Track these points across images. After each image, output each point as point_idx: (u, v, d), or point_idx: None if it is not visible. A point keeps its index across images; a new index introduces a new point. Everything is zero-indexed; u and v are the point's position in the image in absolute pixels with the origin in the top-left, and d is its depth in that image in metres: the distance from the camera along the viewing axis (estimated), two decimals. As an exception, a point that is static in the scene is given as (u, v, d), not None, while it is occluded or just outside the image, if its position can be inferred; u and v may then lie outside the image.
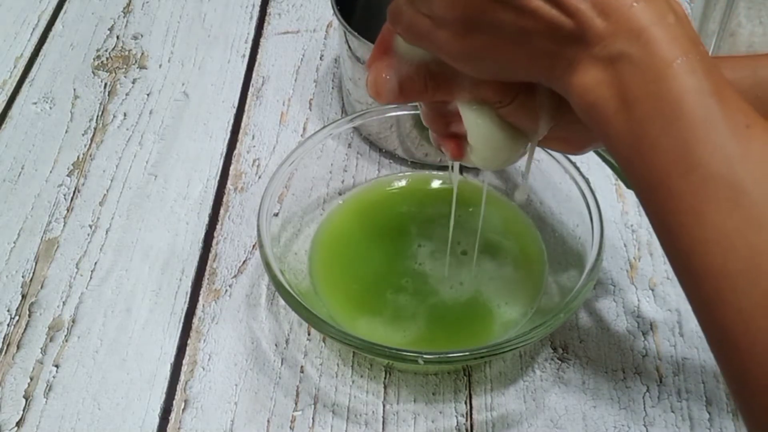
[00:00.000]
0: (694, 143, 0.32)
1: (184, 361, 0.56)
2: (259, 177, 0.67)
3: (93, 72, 0.77)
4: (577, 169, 0.56)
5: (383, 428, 0.52)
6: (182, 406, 0.53)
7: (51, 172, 0.68)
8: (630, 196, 0.64)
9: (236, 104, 0.74)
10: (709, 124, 0.32)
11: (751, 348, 0.30)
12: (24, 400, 0.54)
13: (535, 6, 0.35)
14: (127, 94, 0.75)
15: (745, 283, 0.30)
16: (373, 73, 0.43)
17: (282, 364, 0.55)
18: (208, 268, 0.61)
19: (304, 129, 0.71)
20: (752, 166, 0.32)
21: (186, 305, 0.59)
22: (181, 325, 0.57)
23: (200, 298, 0.59)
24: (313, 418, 0.53)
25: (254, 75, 0.76)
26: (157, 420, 0.53)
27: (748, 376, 0.30)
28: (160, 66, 0.78)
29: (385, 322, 0.54)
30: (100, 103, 0.74)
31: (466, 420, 0.53)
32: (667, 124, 0.33)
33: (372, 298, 0.55)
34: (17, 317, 0.58)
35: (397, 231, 0.59)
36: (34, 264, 0.61)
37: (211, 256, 0.62)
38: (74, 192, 0.66)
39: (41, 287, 0.60)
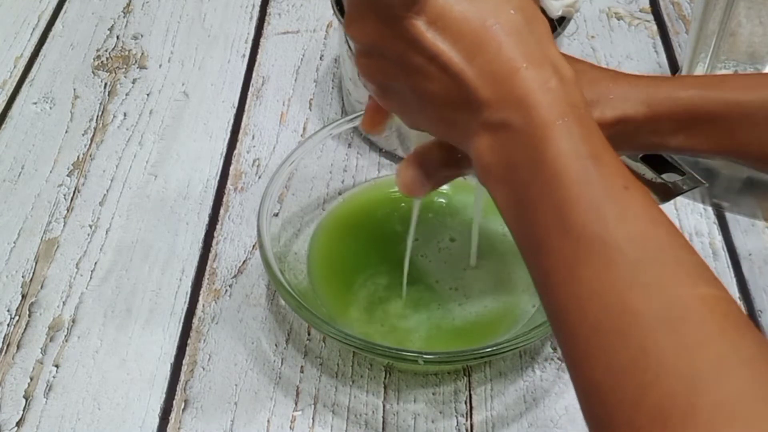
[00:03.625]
0: (570, 204, 0.33)
1: (184, 361, 0.56)
2: (259, 177, 0.67)
3: (93, 72, 0.77)
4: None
5: (383, 428, 0.52)
6: (182, 406, 0.53)
7: (51, 172, 0.68)
8: (630, 196, 0.64)
9: (236, 104, 0.74)
10: (585, 185, 0.33)
11: (618, 405, 0.30)
12: (24, 400, 0.54)
13: (426, 72, 0.36)
14: (127, 94, 0.75)
15: (616, 341, 0.30)
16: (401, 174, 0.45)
17: (282, 364, 0.55)
18: (208, 268, 0.61)
19: (304, 129, 0.71)
20: (628, 226, 0.32)
21: (186, 305, 0.59)
22: (181, 325, 0.57)
23: (200, 298, 0.59)
24: (313, 418, 0.53)
25: (254, 75, 0.76)
26: (157, 420, 0.53)
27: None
28: (160, 66, 0.78)
29: (384, 321, 0.54)
30: (100, 103, 0.74)
31: (466, 420, 0.53)
32: (545, 187, 0.33)
33: (372, 298, 0.55)
34: (17, 317, 0.58)
35: (397, 231, 0.59)
36: (34, 264, 0.61)
37: (211, 256, 0.62)
38: (74, 192, 0.66)
39: (41, 287, 0.60)
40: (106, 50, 0.79)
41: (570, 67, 0.36)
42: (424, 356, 0.48)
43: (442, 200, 0.61)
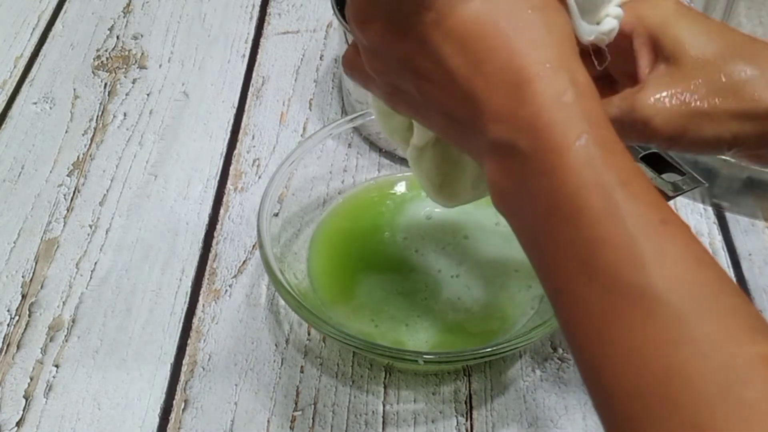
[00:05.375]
0: (597, 244, 0.27)
1: (184, 361, 0.56)
2: (259, 177, 0.67)
3: (93, 72, 0.77)
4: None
5: (383, 428, 0.52)
6: (182, 406, 0.53)
7: (51, 172, 0.68)
8: (630, 196, 0.64)
9: (236, 104, 0.74)
10: (614, 221, 0.27)
11: None
12: (24, 400, 0.54)
13: (432, 77, 0.32)
14: (127, 94, 0.75)
15: (661, 410, 0.25)
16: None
17: (282, 364, 0.55)
18: (208, 268, 0.61)
19: (304, 129, 0.71)
20: (669, 269, 0.27)
21: (186, 305, 0.59)
22: (181, 325, 0.57)
23: (200, 298, 0.59)
24: (313, 418, 0.53)
25: (254, 75, 0.76)
26: (157, 420, 0.53)
27: None
28: (160, 66, 0.78)
29: (385, 321, 0.54)
30: (100, 103, 0.74)
31: (466, 420, 0.53)
32: (565, 223, 0.28)
33: (372, 298, 0.55)
34: (17, 317, 0.58)
35: (398, 233, 0.59)
36: (34, 264, 0.61)
37: (211, 256, 0.62)
38: (74, 192, 0.66)
39: (41, 287, 0.60)
40: (106, 50, 0.79)
41: (588, 76, 0.30)
42: (424, 356, 0.48)
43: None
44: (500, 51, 0.30)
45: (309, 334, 0.57)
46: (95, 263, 0.61)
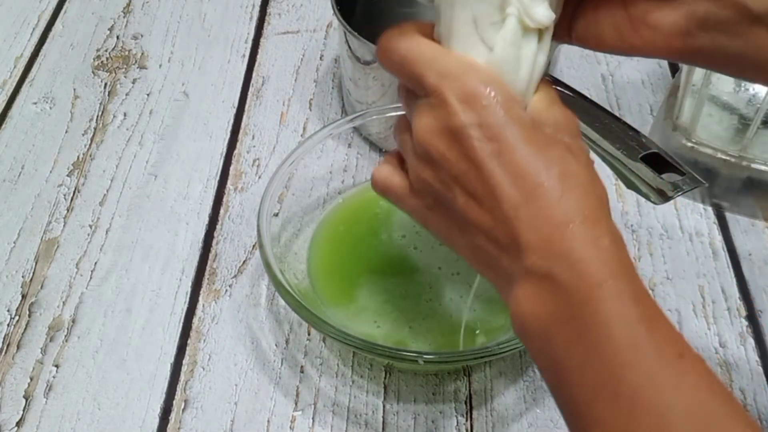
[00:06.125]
0: (622, 369, 0.31)
1: (184, 361, 0.56)
2: (259, 177, 0.67)
3: (93, 72, 0.77)
4: (577, 169, 0.55)
5: (383, 428, 0.52)
6: (182, 406, 0.53)
7: (51, 172, 0.68)
8: (630, 196, 0.64)
9: (236, 104, 0.74)
10: (638, 351, 0.31)
11: None
12: (24, 400, 0.54)
13: (480, 198, 0.35)
14: (127, 94, 0.75)
15: None
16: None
17: (282, 364, 0.55)
18: (208, 268, 0.61)
19: (304, 129, 0.71)
20: (683, 397, 0.30)
21: (186, 305, 0.59)
22: (181, 325, 0.57)
23: (200, 298, 0.59)
24: (313, 418, 0.53)
25: (254, 75, 0.76)
26: (157, 420, 0.53)
27: None
28: (160, 66, 0.78)
29: (385, 322, 0.54)
30: (100, 103, 0.74)
31: (466, 420, 0.53)
32: (593, 350, 0.31)
33: (375, 300, 0.55)
34: (17, 317, 0.58)
35: (397, 231, 0.59)
36: (34, 264, 0.61)
37: (211, 256, 0.62)
38: (74, 192, 0.66)
39: (41, 287, 0.60)
40: (106, 50, 0.79)
41: (619, 231, 0.35)
42: (424, 356, 0.48)
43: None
44: (551, 191, 0.34)
45: (309, 334, 0.57)
46: (95, 263, 0.61)
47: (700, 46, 0.37)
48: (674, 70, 0.75)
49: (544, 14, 0.37)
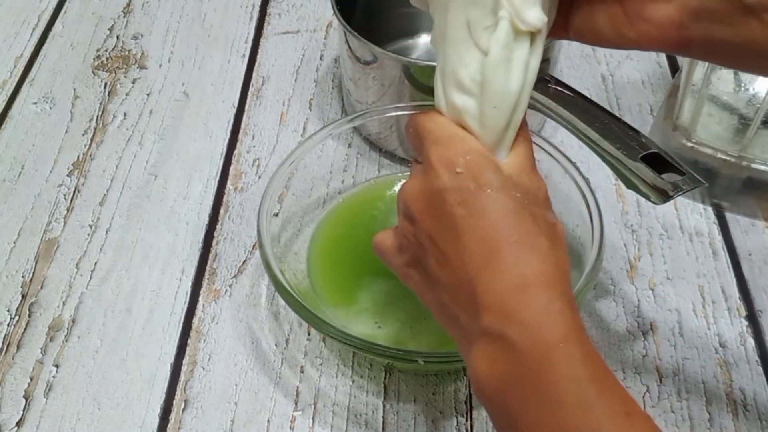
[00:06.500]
0: (570, 428, 0.32)
1: (184, 361, 0.56)
2: (259, 177, 0.67)
3: (93, 72, 0.77)
4: (577, 169, 0.56)
5: (383, 428, 0.52)
6: (182, 406, 0.53)
7: (51, 172, 0.68)
8: (630, 196, 0.64)
9: (236, 104, 0.74)
10: (587, 410, 0.32)
11: None
12: (24, 400, 0.54)
13: (447, 258, 0.38)
14: (127, 94, 0.75)
15: None
16: None
17: (282, 364, 0.55)
18: (208, 268, 0.61)
19: (304, 129, 0.71)
20: None
21: (186, 305, 0.59)
22: (181, 325, 0.57)
23: (200, 298, 0.59)
24: (313, 418, 0.53)
25: (254, 75, 0.76)
26: (157, 420, 0.53)
27: None
28: (160, 66, 0.78)
29: (385, 322, 0.54)
30: (100, 103, 0.74)
31: (466, 420, 0.53)
32: (545, 409, 0.33)
33: (375, 301, 0.55)
34: (17, 317, 0.58)
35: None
36: (34, 264, 0.61)
37: (211, 256, 0.62)
38: (74, 192, 0.66)
39: (41, 287, 0.60)
40: (106, 50, 0.79)
41: (572, 295, 0.36)
42: (424, 356, 0.48)
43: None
44: (508, 257, 0.36)
45: (309, 334, 0.57)
46: (95, 263, 0.61)
47: (695, 37, 0.37)
48: (674, 70, 0.75)
49: (536, 17, 0.37)
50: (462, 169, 0.38)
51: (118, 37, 0.81)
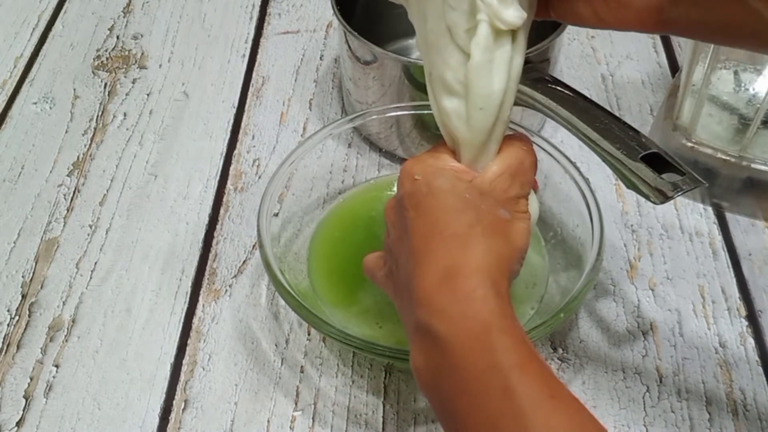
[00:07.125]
0: (499, 418, 0.33)
1: (184, 361, 0.56)
2: (259, 177, 0.67)
3: (93, 72, 0.77)
4: (577, 169, 0.56)
5: (383, 428, 0.52)
6: (182, 406, 0.53)
7: (51, 172, 0.68)
8: (630, 196, 0.64)
9: (236, 104, 0.74)
10: (510, 396, 0.33)
11: None
12: (24, 400, 0.54)
13: (399, 274, 0.40)
14: (127, 94, 0.75)
15: None
16: None
17: (282, 364, 0.55)
18: (208, 268, 0.61)
19: (304, 129, 0.71)
20: None
21: (186, 305, 0.59)
22: (181, 325, 0.57)
23: (200, 298, 0.59)
24: (313, 418, 0.53)
25: (254, 75, 0.76)
26: (157, 420, 0.53)
27: None
28: (160, 66, 0.78)
29: (386, 322, 0.54)
30: (100, 103, 0.74)
31: (466, 420, 0.52)
32: (472, 398, 0.34)
33: (376, 301, 0.55)
34: (17, 317, 0.58)
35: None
36: (34, 264, 0.61)
37: (211, 256, 0.62)
38: (74, 192, 0.66)
39: (41, 287, 0.60)
40: (106, 50, 0.79)
41: (508, 286, 0.37)
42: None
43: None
44: (441, 249, 0.37)
45: (309, 334, 0.57)
46: (95, 263, 0.61)
47: (674, 20, 0.37)
48: (674, 70, 0.75)
49: (515, 15, 0.37)
50: (419, 176, 0.40)
51: (118, 37, 0.81)
